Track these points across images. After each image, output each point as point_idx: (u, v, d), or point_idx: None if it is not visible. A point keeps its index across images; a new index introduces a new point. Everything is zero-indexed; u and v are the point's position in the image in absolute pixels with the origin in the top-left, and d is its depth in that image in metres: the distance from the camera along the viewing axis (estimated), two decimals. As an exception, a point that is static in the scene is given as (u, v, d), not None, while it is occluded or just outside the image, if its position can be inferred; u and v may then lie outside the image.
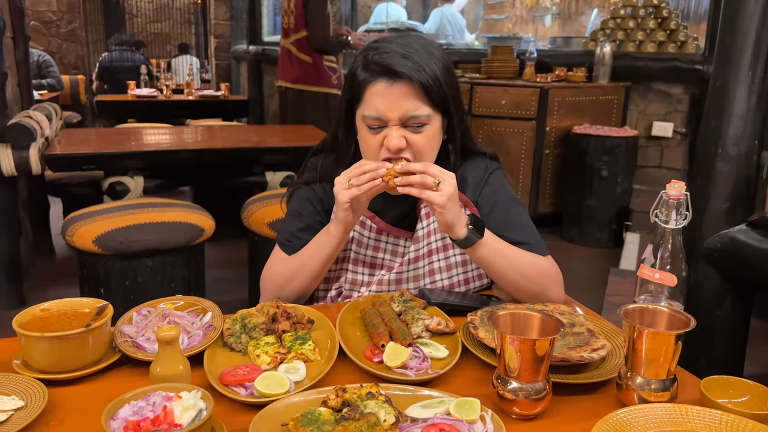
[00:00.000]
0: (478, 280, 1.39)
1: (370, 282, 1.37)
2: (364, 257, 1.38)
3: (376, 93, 1.24)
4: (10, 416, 0.87)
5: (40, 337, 0.96)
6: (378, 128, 1.25)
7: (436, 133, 1.28)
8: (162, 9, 13.21)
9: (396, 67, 1.21)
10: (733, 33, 1.36)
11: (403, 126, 1.24)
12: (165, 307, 1.18)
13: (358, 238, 1.38)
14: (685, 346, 1.51)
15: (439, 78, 1.24)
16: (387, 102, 1.22)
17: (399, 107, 1.22)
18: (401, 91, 1.22)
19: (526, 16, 7.92)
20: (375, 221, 1.38)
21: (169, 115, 5.70)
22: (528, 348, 0.89)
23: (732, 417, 0.87)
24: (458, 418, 0.86)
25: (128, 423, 0.78)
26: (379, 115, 1.23)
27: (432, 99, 1.23)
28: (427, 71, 1.22)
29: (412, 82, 1.21)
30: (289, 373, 1.00)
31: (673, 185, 1.04)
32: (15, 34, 3.59)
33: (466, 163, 1.42)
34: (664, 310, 0.97)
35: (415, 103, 1.22)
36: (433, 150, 1.29)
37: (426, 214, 1.36)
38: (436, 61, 1.25)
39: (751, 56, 1.33)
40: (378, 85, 1.23)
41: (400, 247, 1.38)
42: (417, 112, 1.23)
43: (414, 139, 1.24)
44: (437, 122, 1.27)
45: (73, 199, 3.68)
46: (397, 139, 1.22)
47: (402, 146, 1.23)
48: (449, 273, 1.37)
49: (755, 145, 1.37)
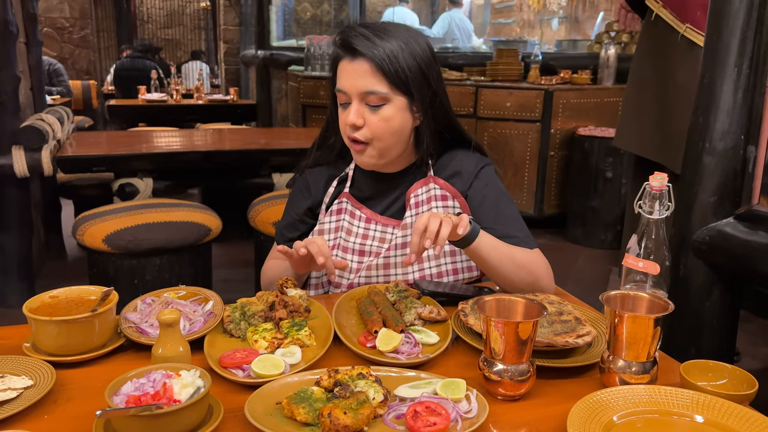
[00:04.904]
0: (467, 271, 1.43)
1: (359, 269, 1.41)
2: (353, 245, 1.42)
3: (342, 69, 1.34)
4: (20, 394, 0.91)
5: (49, 321, 1.01)
6: (345, 104, 1.34)
7: (397, 115, 1.33)
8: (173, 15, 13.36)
9: (354, 44, 1.30)
10: (720, 31, 1.39)
11: (364, 103, 1.32)
12: (168, 296, 1.23)
13: (347, 227, 1.43)
14: (675, 336, 1.55)
15: (398, 59, 1.30)
16: (348, 77, 1.32)
17: (356, 83, 1.31)
18: (360, 67, 1.30)
19: (533, 20, 7.95)
20: (364, 211, 1.43)
21: (179, 120, 5.79)
22: (512, 331, 0.93)
23: (708, 397, 0.90)
24: (444, 397, 0.90)
25: (130, 397, 0.82)
26: (342, 89, 1.33)
27: (390, 79, 1.30)
28: (386, 51, 1.29)
29: (369, 61, 1.29)
30: (286, 356, 1.04)
31: (656, 177, 1.08)
32: (28, 40, 3.67)
33: (456, 154, 1.46)
34: (645, 296, 1.01)
35: (372, 80, 1.30)
36: (395, 132, 1.35)
37: (415, 203, 1.41)
38: (405, 46, 1.31)
39: (737, 53, 1.37)
40: (344, 61, 1.33)
41: (388, 234, 1.42)
42: (373, 88, 1.30)
43: (371, 120, 1.32)
44: (399, 103, 1.33)
45: (84, 200, 3.75)
46: (353, 115, 1.32)
47: (358, 123, 1.32)
48: (437, 261, 1.41)
49: (741, 140, 1.40)
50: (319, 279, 1.46)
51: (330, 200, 1.47)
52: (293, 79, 5.17)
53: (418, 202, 1.41)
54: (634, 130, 2.96)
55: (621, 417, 0.88)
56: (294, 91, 5.11)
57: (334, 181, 1.48)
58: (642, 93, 2.90)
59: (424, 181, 1.43)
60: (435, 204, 1.42)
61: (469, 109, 4.55)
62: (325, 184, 1.48)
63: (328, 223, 1.45)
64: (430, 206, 1.41)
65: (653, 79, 2.81)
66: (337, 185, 1.48)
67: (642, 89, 2.90)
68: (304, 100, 4.88)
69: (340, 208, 1.45)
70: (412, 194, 1.42)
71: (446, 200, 1.42)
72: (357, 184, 1.47)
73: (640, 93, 2.91)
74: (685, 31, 2.58)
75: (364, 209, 1.43)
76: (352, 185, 1.47)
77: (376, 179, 1.45)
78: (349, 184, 1.47)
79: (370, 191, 1.45)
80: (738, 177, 1.42)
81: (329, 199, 1.47)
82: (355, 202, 1.44)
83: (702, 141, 1.43)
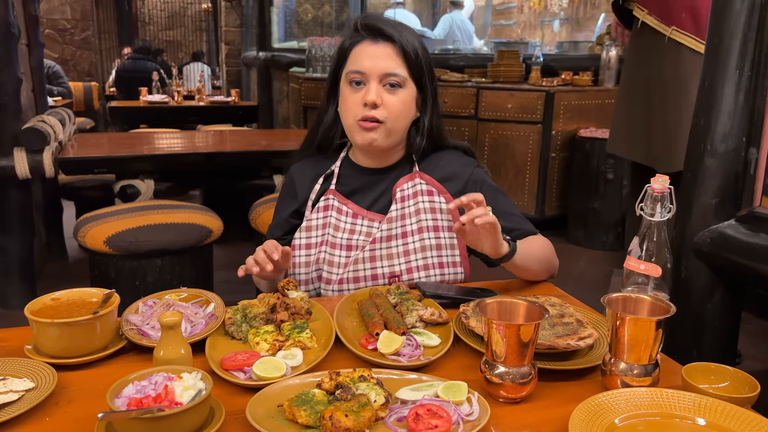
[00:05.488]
0: (452, 266, 1.44)
1: (347, 263, 1.43)
2: (341, 240, 1.44)
3: (361, 51, 1.39)
4: (21, 396, 0.92)
5: (50, 323, 1.01)
6: (358, 83, 1.38)
7: (410, 101, 1.41)
8: (174, 17, 13.37)
9: (382, 28, 1.38)
10: (721, 33, 1.39)
11: (382, 84, 1.37)
12: (170, 298, 1.23)
13: (335, 223, 1.45)
14: (677, 339, 1.55)
15: (418, 52, 1.39)
16: (370, 58, 1.37)
17: (379, 64, 1.36)
18: (384, 50, 1.37)
19: (534, 22, 7.95)
20: (350, 206, 1.46)
21: (180, 121, 5.79)
22: (513, 333, 0.93)
23: (710, 400, 0.90)
24: (446, 400, 0.90)
25: (131, 400, 0.82)
26: (361, 69, 1.37)
27: (410, 66, 1.38)
28: (410, 40, 1.38)
29: (394, 44, 1.37)
30: (287, 359, 1.04)
31: (658, 179, 1.08)
32: (29, 41, 3.67)
33: (443, 155, 1.50)
34: (646, 298, 1.01)
35: (394, 63, 1.37)
36: (406, 116, 1.41)
37: (401, 198, 1.44)
38: (419, 43, 1.40)
39: (738, 55, 1.37)
40: (364, 44, 1.39)
41: (374, 229, 1.45)
42: (396, 70, 1.37)
43: (389, 100, 1.38)
44: (412, 91, 1.41)
45: (85, 202, 3.76)
46: (374, 94, 1.36)
47: (377, 102, 1.36)
48: (423, 254, 1.43)
49: (743, 142, 1.40)
50: (309, 275, 1.46)
51: (316, 197, 1.50)
52: (294, 80, 5.17)
53: (404, 196, 1.45)
54: (624, 134, 3.08)
55: (623, 420, 0.88)
56: (295, 93, 5.11)
57: (320, 178, 1.51)
58: (630, 97, 3.01)
59: (410, 176, 1.46)
60: (421, 198, 1.45)
61: (470, 111, 4.55)
62: (311, 182, 1.52)
63: (315, 220, 1.47)
64: (416, 200, 1.44)
65: (641, 82, 2.91)
66: (323, 182, 1.51)
67: (630, 94, 3.01)
68: (306, 102, 4.88)
69: (327, 204, 1.47)
70: (398, 188, 1.45)
71: (432, 195, 1.46)
72: (343, 179, 1.50)
73: (629, 97, 3.02)
74: (671, 33, 2.69)
75: (350, 204, 1.46)
76: (338, 182, 1.50)
77: (363, 173, 1.49)
78: (335, 180, 1.49)
79: (356, 185, 1.49)
80: (739, 179, 1.42)
81: (315, 196, 1.50)
82: (341, 198, 1.47)
83: (703, 143, 1.43)
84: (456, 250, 1.44)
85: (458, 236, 1.37)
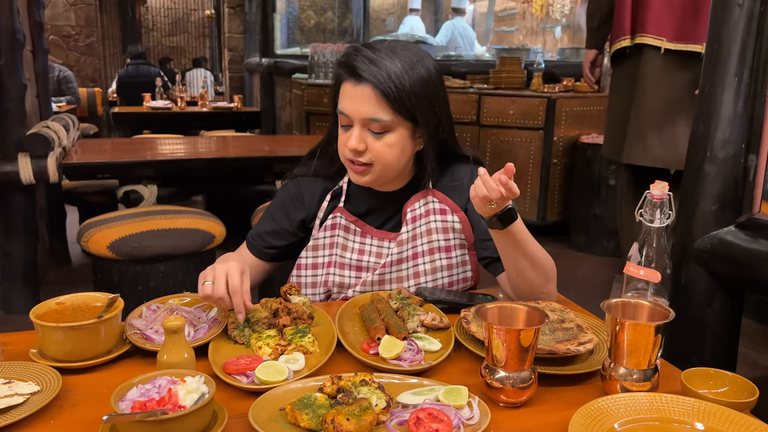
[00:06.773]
0: (462, 282, 1.43)
1: (356, 284, 1.40)
2: (349, 261, 1.40)
3: (345, 91, 1.30)
4: (26, 399, 0.92)
5: (55, 327, 1.02)
6: (347, 126, 1.31)
7: (400, 141, 1.30)
8: (178, 23, 13.44)
9: (359, 71, 1.26)
10: (720, 40, 1.41)
11: (367, 129, 1.29)
12: (173, 302, 1.24)
13: (342, 243, 1.41)
14: (677, 345, 1.55)
15: (406, 88, 1.25)
16: (351, 102, 1.28)
17: (360, 109, 1.27)
18: (364, 93, 1.26)
19: (536, 28, 7.98)
20: (359, 225, 1.41)
21: (183, 127, 5.81)
22: (513, 338, 0.94)
23: (709, 405, 0.91)
24: (446, 404, 0.91)
25: (135, 403, 0.83)
26: (345, 111, 1.29)
27: (395, 107, 1.26)
28: (393, 79, 1.24)
29: (374, 88, 1.25)
30: (289, 363, 1.05)
31: (657, 185, 1.09)
32: (34, 47, 3.69)
33: (452, 168, 1.45)
34: (645, 304, 1.02)
35: (375, 108, 1.26)
36: (395, 157, 1.31)
37: (412, 218, 1.39)
38: (411, 72, 1.27)
39: (737, 62, 1.38)
40: (347, 84, 1.29)
41: (384, 249, 1.40)
42: (377, 116, 1.26)
43: (374, 146, 1.29)
44: (404, 131, 1.30)
45: (89, 207, 3.77)
46: (355, 140, 1.28)
47: (359, 148, 1.29)
48: (434, 276, 1.40)
49: (742, 149, 1.41)
50: (316, 296, 1.43)
51: (324, 215, 1.43)
52: (297, 86, 5.20)
53: (415, 216, 1.40)
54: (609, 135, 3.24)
55: (622, 424, 0.89)
56: (298, 99, 5.13)
57: (328, 194, 1.44)
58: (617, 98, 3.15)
59: (422, 193, 1.41)
60: (433, 218, 1.40)
61: (472, 117, 4.56)
62: (320, 198, 1.45)
63: (322, 239, 1.41)
64: (428, 219, 1.40)
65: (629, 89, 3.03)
66: (331, 200, 1.44)
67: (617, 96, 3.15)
68: (308, 108, 4.90)
69: (334, 223, 1.41)
70: (408, 209, 1.40)
71: (445, 214, 1.41)
72: (352, 199, 1.44)
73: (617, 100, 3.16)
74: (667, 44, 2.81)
75: (359, 223, 1.41)
76: (346, 200, 1.43)
77: (372, 195, 1.42)
78: (344, 198, 1.43)
79: (365, 207, 1.42)
80: (739, 185, 1.43)
81: (323, 214, 1.43)
82: (349, 216, 1.41)
83: (703, 150, 1.44)
84: (468, 265, 1.42)
85: None
